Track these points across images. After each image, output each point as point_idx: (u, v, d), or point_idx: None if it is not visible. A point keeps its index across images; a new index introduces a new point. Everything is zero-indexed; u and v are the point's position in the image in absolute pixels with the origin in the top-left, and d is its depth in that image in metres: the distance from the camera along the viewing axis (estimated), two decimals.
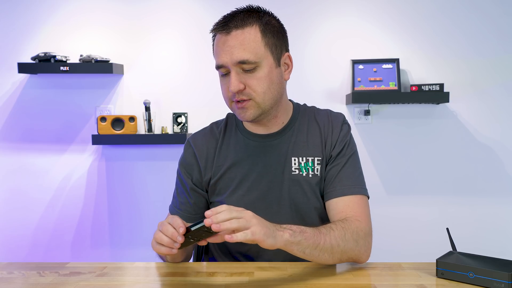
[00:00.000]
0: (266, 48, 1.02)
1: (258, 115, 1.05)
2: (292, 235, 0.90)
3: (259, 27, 1.02)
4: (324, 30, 2.29)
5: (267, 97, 1.04)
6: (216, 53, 1.04)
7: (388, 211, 2.33)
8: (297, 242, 0.90)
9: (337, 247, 0.95)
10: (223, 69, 1.03)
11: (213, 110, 2.29)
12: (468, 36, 2.27)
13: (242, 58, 0.99)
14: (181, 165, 1.18)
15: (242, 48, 0.99)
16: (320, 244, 0.93)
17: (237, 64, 1.00)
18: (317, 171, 1.10)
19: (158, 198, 2.35)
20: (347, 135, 1.14)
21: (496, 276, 0.85)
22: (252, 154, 1.12)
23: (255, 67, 1.01)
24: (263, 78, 1.02)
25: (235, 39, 1.00)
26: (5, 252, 2.40)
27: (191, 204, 1.16)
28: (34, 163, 2.38)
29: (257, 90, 1.02)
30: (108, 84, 2.35)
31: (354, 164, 1.11)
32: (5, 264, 1.06)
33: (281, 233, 0.89)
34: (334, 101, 2.31)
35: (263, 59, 1.02)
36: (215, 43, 1.05)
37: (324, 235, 0.94)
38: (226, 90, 1.04)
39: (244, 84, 1.01)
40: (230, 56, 1.00)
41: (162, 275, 0.99)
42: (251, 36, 1.01)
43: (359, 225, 1.01)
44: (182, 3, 2.31)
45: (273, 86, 1.04)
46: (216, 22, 1.05)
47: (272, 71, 1.04)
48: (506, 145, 2.30)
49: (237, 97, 1.02)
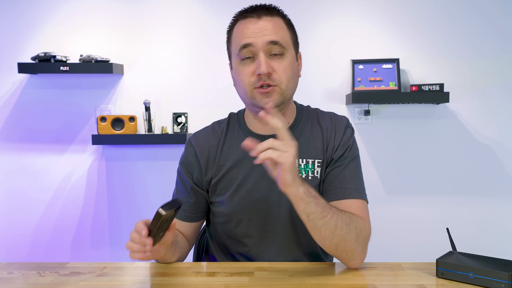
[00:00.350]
0: (290, 40, 1.06)
1: (281, 102, 1.04)
2: (306, 193, 0.90)
3: (283, 20, 1.06)
4: (324, 30, 2.29)
5: (290, 86, 1.05)
6: (242, 34, 1.03)
7: (388, 211, 2.33)
8: (307, 202, 0.90)
9: (340, 231, 0.93)
10: (247, 51, 1.02)
11: (213, 110, 2.29)
12: (468, 36, 2.27)
13: (274, 38, 1.01)
14: (182, 164, 1.17)
15: (274, 31, 1.02)
16: (326, 217, 0.92)
17: (267, 44, 1.00)
18: (317, 173, 1.10)
19: (158, 198, 2.35)
20: (350, 138, 1.12)
21: (496, 276, 0.85)
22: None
23: (283, 52, 1.02)
24: (288, 66, 1.03)
25: (266, 23, 1.02)
26: (5, 252, 2.40)
27: (190, 203, 1.15)
28: (34, 163, 2.38)
29: (283, 77, 1.02)
30: (108, 84, 2.35)
31: (355, 168, 1.10)
32: (5, 264, 1.06)
33: (300, 182, 0.90)
34: (334, 101, 2.31)
35: (289, 48, 1.04)
36: (241, 27, 1.04)
37: (333, 213, 0.93)
38: (249, 75, 1.03)
39: (272, 69, 1.01)
40: (261, 37, 1.01)
41: (162, 275, 0.99)
42: (281, 24, 1.04)
43: (362, 223, 1.00)
44: (182, 3, 2.31)
45: (294, 78, 1.07)
46: (239, 11, 1.07)
47: (294, 63, 1.06)
48: (506, 145, 2.30)
49: (264, 81, 1.01)
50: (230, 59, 1.12)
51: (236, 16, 1.08)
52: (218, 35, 2.30)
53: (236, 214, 1.11)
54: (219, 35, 2.30)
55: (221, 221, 1.14)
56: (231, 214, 1.11)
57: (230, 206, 1.11)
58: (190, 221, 1.16)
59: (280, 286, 0.90)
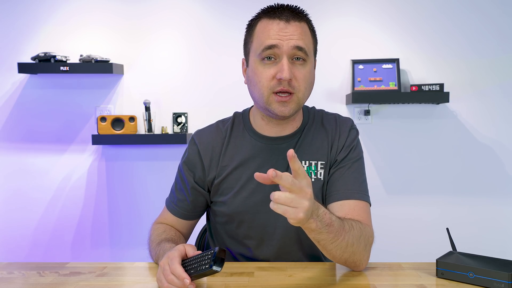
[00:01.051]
0: (312, 47, 1.05)
1: (295, 111, 1.04)
2: (319, 226, 0.84)
3: (309, 26, 1.05)
4: (324, 30, 2.29)
5: (306, 95, 1.04)
6: (268, 35, 1.00)
7: (388, 211, 2.33)
8: (319, 233, 0.85)
9: (351, 247, 0.91)
10: (271, 52, 0.99)
11: (213, 110, 2.29)
12: (468, 36, 2.27)
13: (301, 44, 0.99)
14: (184, 162, 1.15)
15: (301, 37, 1.00)
16: (337, 240, 0.88)
17: (293, 49, 0.99)
18: (320, 175, 1.09)
19: (158, 198, 2.35)
20: (354, 140, 1.12)
21: (496, 276, 0.85)
22: (258, 156, 1.10)
23: (305, 60, 1.01)
24: (308, 74, 1.03)
25: (294, 28, 1.00)
26: (5, 252, 2.40)
27: (189, 202, 1.14)
28: (34, 163, 2.38)
29: (302, 84, 1.01)
30: (108, 84, 2.35)
31: (359, 169, 1.09)
32: (5, 264, 1.06)
33: (311, 220, 0.82)
34: (334, 101, 2.31)
35: (310, 56, 1.03)
36: (267, 26, 1.01)
37: (346, 232, 0.90)
38: (269, 78, 1.00)
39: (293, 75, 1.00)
40: (287, 40, 0.99)
41: None
42: (307, 30, 1.03)
43: (369, 231, 0.99)
44: (182, 3, 2.31)
45: (311, 86, 1.05)
46: (265, 9, 1.04)
47: (312, 71, 1.05)
48: (505, 145, 2.30)
49: (283, 86, 0.99)
50: (247, 56, 1.08)
51: (261, 13, 1.04)
52: (218, 35, 2.30)
53: (238, 215, 1.10)
54: (219, 35, 2.30)
55: (222, 221, 1.14)
56: (232, 214, 1.10)
57: (232, 207, 1.10)
58: (187, 219, 1.16)
59: (280, 286, 0.90)
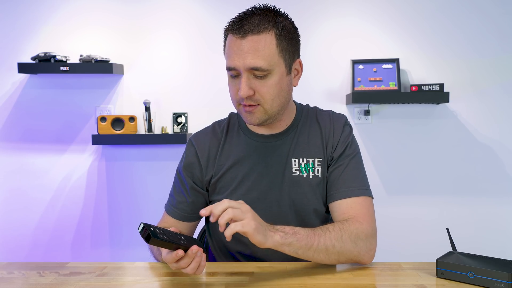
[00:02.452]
0: (280, 56, 1.01)
1: (265, 120, 1.05)
2: (284, 237, 0.91)
3: (275, 33, 1.00)
4: (324, 30, 2.29)
5: (275, 103, 1.03)
6: (228, 54, 1.02)
7: (388, 211, 2.33)
8: (288, 244, 0.91)
9: (333, 248, 0.95)
10: (234, 72, 1.01)
11: (213, 110, 2.29)
12: (468, 36, 2.27)
13: (255, 65, 0.98)
14: (182, 164, 1.17)
15: (256, 55, 0.98)
16: (313, 245, 0.93)
17: (249, 70, 0.99)
18: (318, 172, 1.10)
19: (158, 198, 2.35)
20: (349, 136, 1.13)
21: (496, 276, 0.85)
22: (254, 154, 1.12)
23: (266, 74, 1.00)
24: (273, 85, 1.01)
25: (250, 44, 0.98)
26: (5, 252, 2.40)
27: (188, 203, 1.15)
28: (34, 163, 2.38)
29: (266, 97, 1.01)
30: (108, 84, 2.35)
31: (357, 165, 1.11)
32: (5, 264, 1.06)
33: (272, 233, 0.90)
34: (334, 101, 2.31)
35: (275, 67, 1.00)
36: (228, 44, 1.02)
37: (318, 236, 0.94)
38: (235, 92, 1.03)
39: (254, 90, 1.00)
40: (243, 61, 0.98)
41: (162, 275, 0.99)
42: (266, 43, 0.98)
43: (359, 226, 1.00)
44: (182, 3, 2.31)
45: (282, 94, 1.04)
46: (231, 21, 1.02)
47: (282, 78, 1.03)
48: (506, 145, 2.30)
49: (246, 102, 1.02)
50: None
51: (228, 25, 1.03)
52: (218, 35, 2.29)
53: None
54: (219, 35, 2.28)
55: None
56: None
57: None
58: (187, 220, 1.16)
59: (280, 286, 0.90)
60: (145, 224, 0.83)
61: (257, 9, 1.03)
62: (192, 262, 0.88)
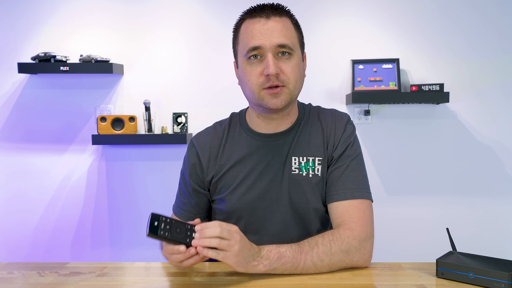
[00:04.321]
0: (298, 40, 1.07)
1: (288, 102, 1.05)
2: (267, 265, 0.92)
3: (291, 20, 1.06)
4: (324, 30, 2.29)
5: (298, 86, 1.06)
6: (251, 35, 1.02)
7: (388, 211, 2.33)
8: (273, 269, 0.93)
9: (321, 263, 0.95)
10: (256, 52, 1.01)
11: (213, 110, 2.29)
12: (468, 36, 2.27)
13: (283, 42, 1.01)
14: (184, 165, 1.19)
15: (282, 33, 1.01)
16: (300, 265, 0.94)
17: (276, 47, 1.01)
18: (318, 171, 1.10)
19: (158, 198, 2.35)
20: (351, 136, 1.12)
21: (496, 276, 0.85)
22: (255, 154, 1.12)
23: (290, 53, 1.03)
24: (296, 66, 1.04)
25: (275, 24, 1.02)
26: (5, 252, 2.40)
27: (193, 204, 1.17)
28: (34, 163, 2.38)
29: (291, 77, 1.03)
30: (108, 84, 2.35)
31: (358, 166, 1.09)
32: (5, 264, 1.06)
33: (255, 263, 0.91)
34: (334, 101, 2.31)
35: (296, 49, 1.05)
36: (248, 27, 1.03)
37: (305, 254, 0.94)
38: (257, 75, 1.02)
39: (280, 70, 1.01)
40: (269, 39, 1.00)
41: (162, 275, 0.99)
42: (289, 25, 1.04)
43: (350, 234, 0.99)
44: (182, 3, 2.31)
45: (301, 78, 1.07)
46: (247, 10, 1.06)
47: (300, 63, 1.07)
48: (505, 145, 2.30)
49: (272, 82, 1.01)
50: (236, 57, 1.11)
51: (244, 14, 1.06)
52: (218, 35, 2.30)
53: (236, 212, 1.12)
54: (219, 35, 2.30)
55: (222, 218, 1.15)
56: (230, 211, 1.12)
57: (230, 204, 1.11)
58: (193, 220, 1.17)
59: (280, 286, 0.90)
60: (154, 215, 0.85)
61: (269, 3, 1.07)
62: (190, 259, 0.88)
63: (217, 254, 0.86)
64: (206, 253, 0.85)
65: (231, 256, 0.87)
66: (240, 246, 0.88)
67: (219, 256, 0.86)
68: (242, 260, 0.88)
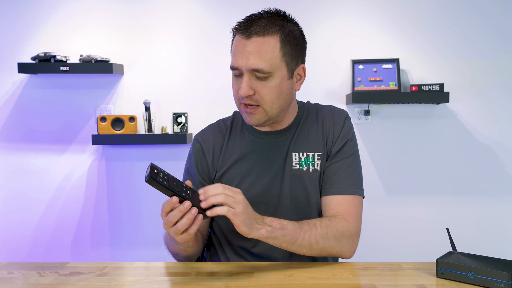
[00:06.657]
0: (282, 60, 1.03)
1: (264, 121, 1.07)
2: (270, 231, 0.95)
3: (279, 36, 1.02)
4: (324, 30, 2.29)
5: (275, 106, 1.06)
6: (233, 53, 1.05)
7: (388, 211, 2.33)
8: (274, 237, 0.96)
9: (316, 244, 1.00)
10: (237, 71, 1.04)
11: (213, 110, 2.29)
12: (468, 36, 2.27)
13: (256, 66, 1.00)
14: (189, 161, 1.20)
15: (259, 56, 1.00)
16: (298, 240, 0.98)
17: (250, 70, 1.01)
18: (317, 166, 1.12)
19: (158, 198, 2.34)
20: (349, 132, 1.15)
21: (496, 276, 0.85)
22: (256, 150, 1.15)
23: (267, 76, 1.02)
24: (273, 88, 1.03)
25: (254, 46, 1.00)
26: (5, 252, 2.40)
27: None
28: (34, 163, 2.38)
29: (266, 99, 1.04)
30: (108, 84, 2.35)
31: (353, 163, 1.13)
32: (5, 264, 1.06)
33: (258, 226, 0.94)
34: (334, 101, 2.31)
35: (276, 70, 1.02)
36: (234, 44, 1.05)
37: (304, 232, 0.99)
38: (237, 91, 1.06)
39: (254, 90, 1.03)
40: (245, 61, 1.01)
41: (162, 275, 0.99)
42: (270, 46, 1.01)
43: (345, 225, 1.04)
44: (182, 3, 2.31)
45: (282, 97, 1.06)
46: (239, 22, 1.05)
47: (283, 82, 1.05)
48: (506, 145, 2.30)
49: (246, 101, 1.04)
50: None
51: (236, 25, 1.05)
52: (218, 35, 2.30)
53: None
54: (219, 35, 2.30)
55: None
56: None
57: None
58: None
59: (280, 286, 0.90)
60: (153, 166, 0.85)
61: (267, 12, 1.06)
62: (183, 218, 0.87)
63: (227, 210, 0.88)
64: (215, 210, 0.87)
65: (238, 213, 0.89)
66: (244, 204, 0.91)
67: (229, 212, 0.88)
68: (248, 220, 0.91)
